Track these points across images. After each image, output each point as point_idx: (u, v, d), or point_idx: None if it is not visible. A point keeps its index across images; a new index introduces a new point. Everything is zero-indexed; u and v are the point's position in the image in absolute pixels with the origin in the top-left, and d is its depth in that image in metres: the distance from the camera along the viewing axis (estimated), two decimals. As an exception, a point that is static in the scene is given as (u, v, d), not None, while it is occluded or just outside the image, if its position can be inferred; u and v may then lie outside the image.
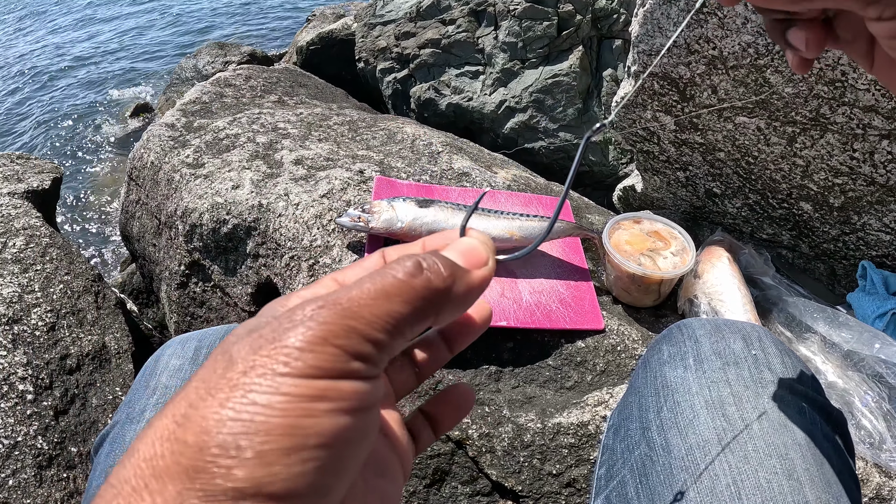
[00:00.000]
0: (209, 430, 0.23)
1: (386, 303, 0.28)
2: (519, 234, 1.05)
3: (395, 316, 0.28)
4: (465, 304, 0.33)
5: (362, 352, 0.26)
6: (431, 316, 0.30)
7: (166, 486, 0.23)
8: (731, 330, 0.68)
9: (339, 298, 0.27)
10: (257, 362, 0.25)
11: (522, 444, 0.94)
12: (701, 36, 1.06)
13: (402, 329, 0.28)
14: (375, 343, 0.27)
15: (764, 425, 0.57)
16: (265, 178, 1.25)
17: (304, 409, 0.24)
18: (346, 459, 0.26)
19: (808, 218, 1.24)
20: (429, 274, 0.30)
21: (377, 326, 0.27)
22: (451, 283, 0.31)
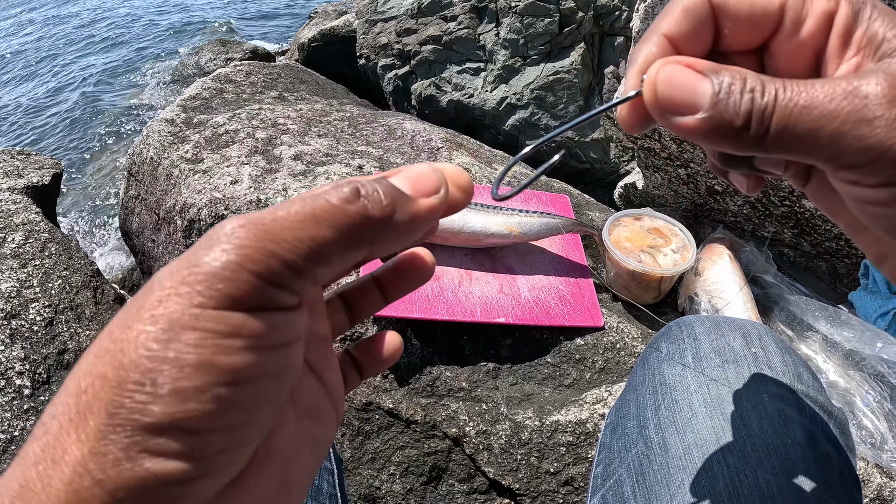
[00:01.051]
0: (126, 365, 0.23)
1: (313, 226, 0.26)
2: (518, 230, 1.04)
3: (320, 241, 0.26)
4: (408, 235, 0.30)
5: (282, 277, 0.25)
6: (366, 246, 0.28)
7: (88, 421, 0.23)
8: (731, 328, 0.68)
9: (263, 218, 0.25)
10: (173, 290, 0.24)
11: (520, 442, 0.93)
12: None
13: (327, 256, 0.26)
14: (296, 268, 0.25)
15: (763, 424, 0.56)
16: (264, 174, 1.25)
17: (218, 345, 0.23)
18: (262, 395, 0.25)
19: (811, 216, 1.23)
20: (365, 201, 0.27)
21: (300, 251, 0.25)
22: (391, 212, 0.28)
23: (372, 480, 1.00)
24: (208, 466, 0.24)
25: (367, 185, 0.28)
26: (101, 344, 0.24)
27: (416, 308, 0.95)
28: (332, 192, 0.27)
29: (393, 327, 1.00)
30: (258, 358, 0.24)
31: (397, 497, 0.99)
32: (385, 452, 0.99)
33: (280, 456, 0.28)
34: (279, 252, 0.25)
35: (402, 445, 0.98)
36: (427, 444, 0.97)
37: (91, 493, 0.22)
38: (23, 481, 0.23)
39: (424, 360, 0.99)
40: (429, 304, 0.96)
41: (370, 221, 0.27)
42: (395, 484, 0.99)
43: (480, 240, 1.03)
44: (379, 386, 1.00)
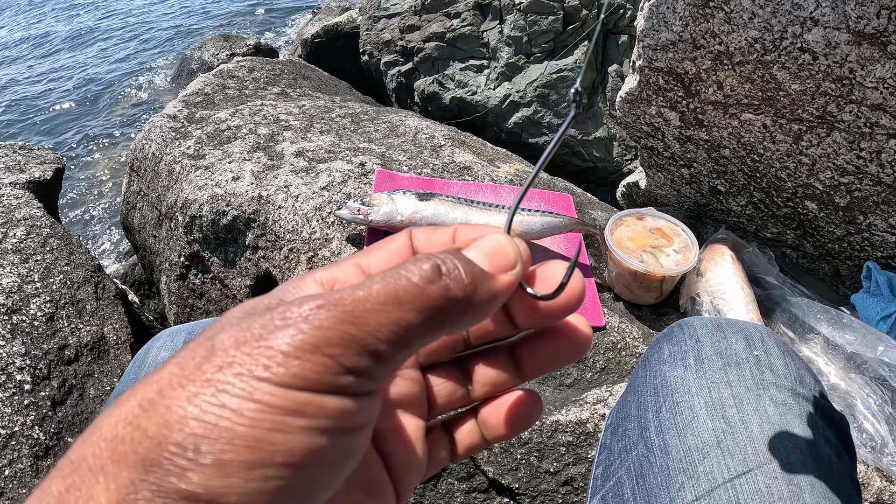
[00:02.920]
0: (171, 425, 0.21)
1: (395, 310, 0.24)
2: (520, 228, 1.03)
3: (403, 325, 0.24)
4: (485, 314, 0.28)
5: (358, 365, 0.23)
6: (446, 327, 0.26)
7: (121, 471, 0.21)
8: (734, 330, 0.67)
9: (343, 299, 0.24)
10: (236, 359, 0.22)
11: (520, 442, 0.93)
12: (707, 31, 1.05)
13: (409, 340, 0.25)
14: (376, 355, 0.24)
15: (764, 428, 0.56)
16: (266, 170, 1.25)
17: (275, 422, 0.21)
18: (315, 483, 0.23)
19: (813, 217, 1.23)
20: (448, 280, 0.26)
21: (381, 336, 0.24)
22: (472, 291, 0.27)
23: (371, 478, 1.00)
24: None
25: (448, 262, 0.26)
26: (146, 394, 0.23)
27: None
28: (413, 268, 0.25)
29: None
30: (320, 442, 0.22)
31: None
32: (385, 451, 0.99)
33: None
34: (361, 337, 0.23)
35: (401, 444, 0.98)
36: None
37: None
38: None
39: (425, 358, 0.99)
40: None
41: (452, 303, 0.26)
42: (394, 482, 0.99)
43: (482, 238, 1.03)
44: (379, 384, 0.99)
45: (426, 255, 0.27)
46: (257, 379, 0.22)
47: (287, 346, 0.22)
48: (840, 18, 0.91)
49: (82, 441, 0.23)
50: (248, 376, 0.22)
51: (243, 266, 1.21)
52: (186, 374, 0.23)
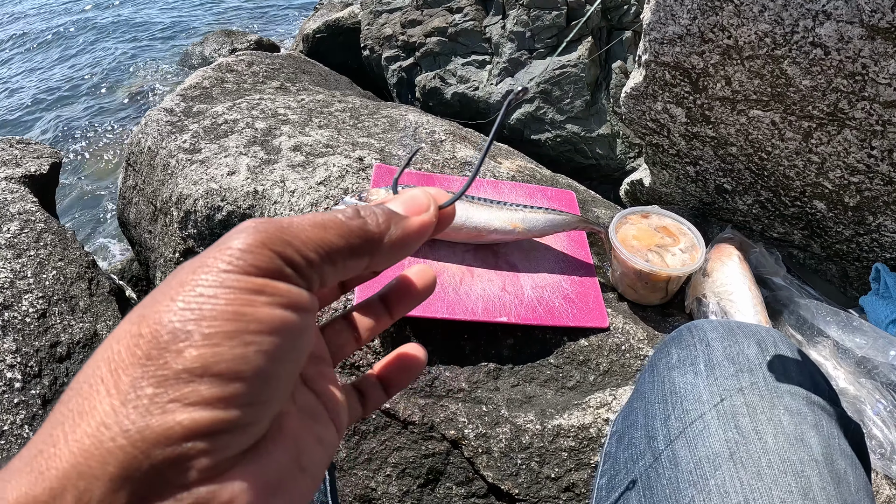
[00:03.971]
0: (161, 321, 0.25)
1: (321, 231, 0.30)
2: (522, 226, 1.01)
3: (328, 243, 0.30)
4: (403, 248, 0.35)
5: (295, 261, 0.29)
6: (366, 256, 0.33)
7: (121, 378, 0.24)
8: (745, 333, 0.65)
9: (281, 220, 0.30)
10: (205, 261, 0.27)
11: (521, 446, 0.90)
12: (716, 24, 1.02)
13: (333, 257, 0.31)
14: (308, 259, 0.29)
15: (779, 439, 0.53)
16: (262, 165, 1.22)
17: (245, 299, 0.26)
18: (283, 348, 0.27)
19: (822, 217, 1.20)
20: (366, 218, 0.33)
21: (310, 246, 0.29)
22: (387, 228, 0.34)
23: (367, 481, 0.97)
24: (241, 419, 0.25)
25: (367, 208, 0.34)
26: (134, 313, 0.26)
27: (415, 306, 0.92)
28: (338, 210, 0.32)
29: (391, 325, 0.97)
30: (279, 313, 0.27)
31: (393, 499, 0.96)
32: (381, 453, 0.97)
33: (291, 434, 0.30)
34: (295, 244, 0.29)
35: (398, 446, 0.96)
36: (424, 446, 0.94)
37: (115, 444, 0.23)
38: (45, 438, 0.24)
39: (423, 359, 0.96)
40: (428, 302, 0.93)
41: (369, 234, 0.33)
42: (391, 485, 0.96)
43: (483, 235, 1.00)
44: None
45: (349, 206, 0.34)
46: (223, 271, 0.27)
47: (241, 244, 0.27)
48: (853, 12, 0.88)
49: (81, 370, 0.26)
50: (216, 271, 0.27)
51: (238, 263, 1.18)
52: (165, 288, 0.27)
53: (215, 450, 0.24)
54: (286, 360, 0.28)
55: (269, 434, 0.28)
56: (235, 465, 0.26)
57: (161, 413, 0.23)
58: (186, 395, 0.24)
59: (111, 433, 0.23)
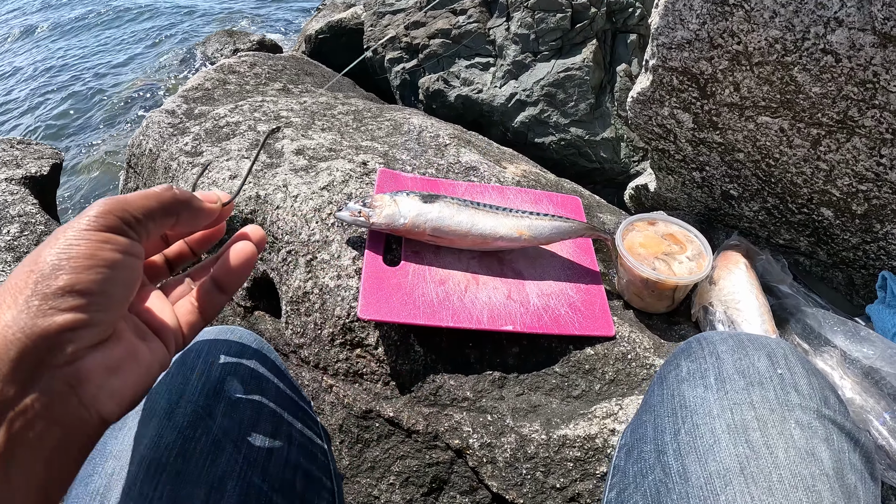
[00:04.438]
0: (45, 260, 0.39)
1: (145, 200, 0.46)
2: (529, 233, 1.00)
3: (150, 208, 0.46)
4: (198, 217, 0.52)
5: (129, 220, 0.44)
6: (174, 216, 0.49)
7: (17, 298, 0.38)
8: (756, 346, 0.64)
9: (119, 196, 0.45)
10: (72, 224, 0.42)
11: (525, 456, 0.89)
12: (725, 29, 1.01)
13: (153, 216, 0.46)
14: (136, 219, 0.45)
15: (790, 454, 0.53)
16: (264, 168, 1.21)
17: (96, 245, 0.41)
18: (120, 278, 0.42)
19: (829, 224, 1.19)
20: (175, 191, 0.49)
21: (137, 210, 0.45)
22: (188, 199, 0.50)
23: (370, 490, 0.96)
24: (91, 320, 0.40)
25: (176, 186, 0.50)
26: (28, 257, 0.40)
27: (420, 314, 0.91)
28: (157, 187, 0.48)
29: (395, 333, 0.96)
30: (119, 256, 0.42)
31: (396, 508, 0.95)
32: (385, 462, 0.96)
33: (126, 339, 0.45)
34: (128, 209, 0.44)
35: (402, 455, 0.95)
36: (428, 455, 0.93)
37: (16, 338, 0.37)
38: None
39: (427, 367, 0.95)
40: (433, 310, 0.92)
41: (176, 202, 0.49)
42: (394, 494, 0.95)
43: (489, 242, 0.99)
44: (380, 393, 0.96)
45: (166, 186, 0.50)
46: (83, 230, 0.41)
47: (95, 212, 0.43)
48: (865, 19, 0.87)
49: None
50: (79, 229, 0.41)
51: (241, 267, 1.17)
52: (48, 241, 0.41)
53: (76, 340, 0.39)
54: (120, 284, 0.43)
55: (111, 337, 0.43)
56: (89, 353, 0.41)
57: (44, 317, 0.38)
58: (59, 304, 0.38)
59: (12, 330, 0.37)
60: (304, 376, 1.03)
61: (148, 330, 0.49)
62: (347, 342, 0.98)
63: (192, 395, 0.64)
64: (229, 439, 0.62)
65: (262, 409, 0.68)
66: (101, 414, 0.41)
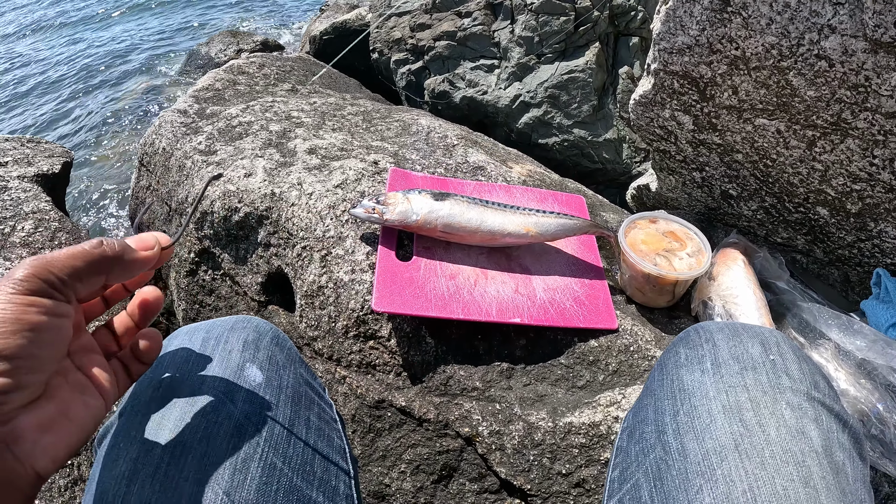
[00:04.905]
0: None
1: (72, 259, 0.46)
2: (535, 230, 1.04)
3: (75, 267, 0.46)
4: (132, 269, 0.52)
5: (53, 282, 0.44)
6: (104, 273, 0.49)
7: None
8: (750, 334, 0.68)
9: (46, 255, 0.45)
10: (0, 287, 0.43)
11: (532, 443, 0.93)
12: (724, 35, 1.05)
13: (80, 275, 0.46)
14: (61, 280, 0.45)
15: (781, 432, 0.56)
16: (278, 167, 1.25)
17: (21, 309, 0.42)
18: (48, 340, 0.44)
19: (824, 223, 1.23)
20: (105, 247, 0.49)
21: (64, 271, 0.45)
22: (120, 254, 0.50)
23: (382, 478, 1.00)
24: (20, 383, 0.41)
25: (108, 240, 0.49)
26: None
27: (431, 306, 0.95)
28: (87, 242, 0.48)
29: (407, 325, 1.00)
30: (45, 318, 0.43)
31: (407, 495, 0.99)
32: (396, 450, 1.00)
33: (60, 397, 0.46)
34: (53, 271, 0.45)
35: (413, 443, 0.99)
36: (439, 443, 0.97)
37: None
38: None
39: (438, 358, 0.99)
40: (444, 303, 0.96)
41: (105, 258, 0.49)
42: (405, 482, 0.99)
43: (497, 239, 1.03)
44: (392, 384, 1.00)
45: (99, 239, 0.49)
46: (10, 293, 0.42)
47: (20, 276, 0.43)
48: (857, 26, 0.91)
49: None
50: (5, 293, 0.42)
51: (255, 263, 1.21)
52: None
53: (7, 402, 0.41)
54: (47, 345, 0.44)
55: (43, 395, 0.45)
56: (21, 413, 0.42)
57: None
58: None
59: None
60: (317, 368, 1.07)
61: (88, 382, 0.50)
62: (361, 334, 1.02)
63: (213, 381, 0.66)
64: (251, 423, 0.64)
65: (281, 395, 0.70)
66: (36, 469, 0.43)
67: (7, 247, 1.40)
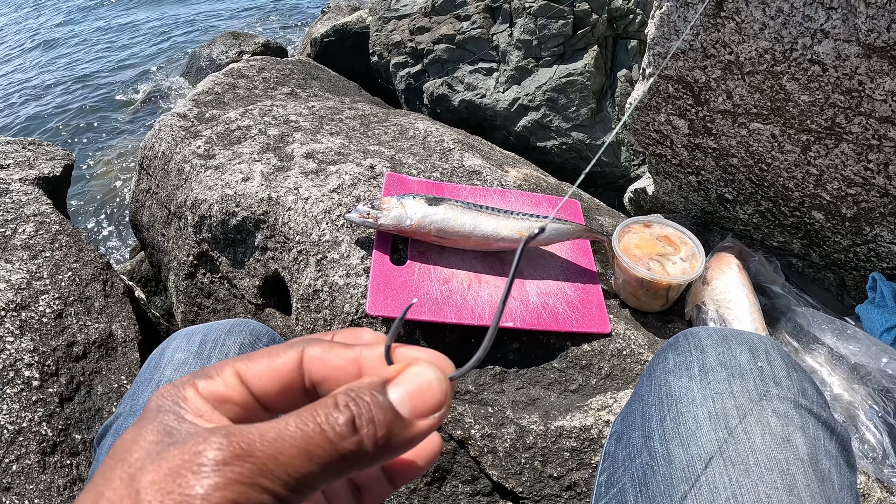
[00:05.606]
0: None
1: (306, 462, 0.26)
2: (528, 234, 1.04)
3: (310, 476, 0.26)
4: (393, 457, 0.29)
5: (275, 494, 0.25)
6: (353, 471, 0.28)
7: None
8: (738, 341, 0.68)
9: (253, 446, 0.25)
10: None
11: (524, 446, 0.94)
12: (717, 40, 1.06)
13: (315, 485, 0.26)
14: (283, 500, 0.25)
15: (766, 439, 0.57)
16: (275, 171, 1.25)
17: None
18: None
19: (820, 227, 1.23)
20: (362, 436, 0.27)
21: (291, 487, 0.25)
22: (385, 443, 0.28)
23: (376, 480, 1.00)
24: None
25: (365, 413, 0.27)
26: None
27: (425, 310, 0.96)
28: (328, 420, 0.26)
29: (401, 329, 1.00)
30: None
31: (400, 496, 1.00)
32: (390, 453, 1.00)
33: None
34: (270, 488, 0.25)
35: (406, 446, 0.99)
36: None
37: None
38: None
39: (431, 362, 1.00)
40: (438, 307, 0.97)
41: (362, 455, 0.27)
42: (398, 484, 1.00)
43: (491, 243, 1.04)
44: (385, 386, 1.00)
45: (344, 400, 0.27)
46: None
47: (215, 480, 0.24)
48: (850, 31, 0.91)
49: None
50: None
51: (252, 266, 1.22)
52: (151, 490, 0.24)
53: None
54: None
55: None
56: None
57: None
58: None
59: None
60: (313, 371, 1.07)
61: None
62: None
63: None
64: None
65: None
66: None
67: (8, 249, 1.41)
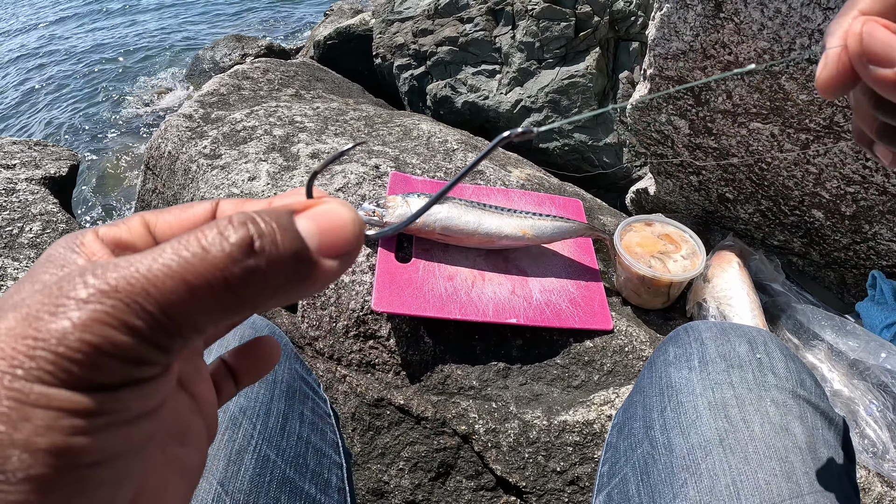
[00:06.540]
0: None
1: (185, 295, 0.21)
2: (532, 232, 1.06)
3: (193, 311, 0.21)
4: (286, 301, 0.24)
5: (143, 354, 0.21)
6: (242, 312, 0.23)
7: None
8: (737, 333, 0.69)
9: (121, 280, 0.20)
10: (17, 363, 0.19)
11: (528, 441, 0.95)
12: (717, 41, 1.07)
13: (198, 326, 0.22)
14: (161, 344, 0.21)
15: (765, 428, 0.58)
16: (281, 171, 1.27)
17: (72, 426, 0.19)
18: (125, 470, 0.22)
19: (820, 226, 1.25)
20: (259, 262, 0.22)
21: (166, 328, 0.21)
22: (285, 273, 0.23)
23: (380, 475, 1.02)
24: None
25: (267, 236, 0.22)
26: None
27: (429, 307, 0.97)
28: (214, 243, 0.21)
29: (406, 325, 1.02)
30: (118, 435, 0.21)
31: (405, 492, 1.01)
32: (394, 448, 1.01)
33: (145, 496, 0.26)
34: (143, 329, 0.20)
35: (411, 441, 1.00)
36: (436, 441, 0.99)
37: None
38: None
39: (436, 357, 1.01)
40: (442, 303, 0.98)
41: (254, 286, 0.22)
42: (403, 479, 1.01)
43: (494, 241, 1.05)
44: (391, 382, 1.02)
45: (241, 218, 0.22)
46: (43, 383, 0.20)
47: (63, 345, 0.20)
48: (848, 31, 0.93)
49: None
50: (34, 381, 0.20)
51: (258, 264, 1.23)
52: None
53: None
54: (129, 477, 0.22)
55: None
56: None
57: None
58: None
59: None
60: (318, 367, 1.09)
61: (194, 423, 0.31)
62: (361, 334, 1.03)
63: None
64: (246, 416, 0.66)
65: (275, 389, 0.72)
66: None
67: (15, 247, 1.43)
